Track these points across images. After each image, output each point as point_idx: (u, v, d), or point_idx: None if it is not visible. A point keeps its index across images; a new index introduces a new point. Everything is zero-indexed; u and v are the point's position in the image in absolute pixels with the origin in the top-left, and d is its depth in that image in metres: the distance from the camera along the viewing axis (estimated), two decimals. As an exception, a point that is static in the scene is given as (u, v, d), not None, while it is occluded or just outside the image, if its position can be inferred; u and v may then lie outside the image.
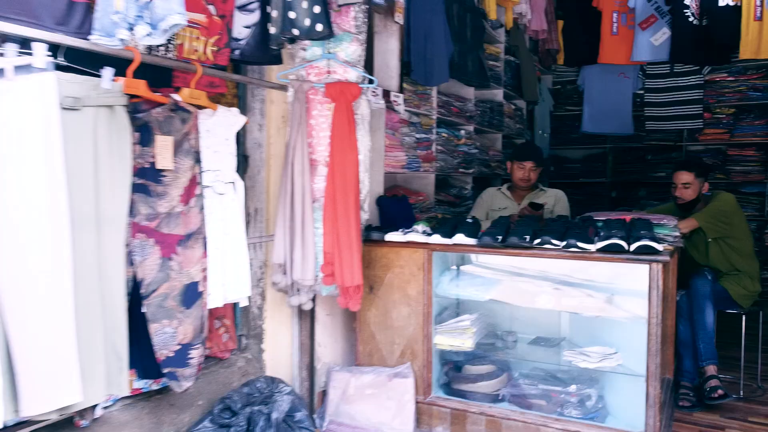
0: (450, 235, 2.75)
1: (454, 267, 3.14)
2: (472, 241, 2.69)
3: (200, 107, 2.35)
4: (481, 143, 4.75)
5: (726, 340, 4.61)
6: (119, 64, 1.99)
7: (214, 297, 2.39)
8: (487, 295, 2.83)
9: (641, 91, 6.13)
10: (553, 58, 6.25)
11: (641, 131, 6.19)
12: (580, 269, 2.72)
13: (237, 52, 2.56)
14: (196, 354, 2.28)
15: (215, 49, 2.44)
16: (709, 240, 3.58)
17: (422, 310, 2.91)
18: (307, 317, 3.05)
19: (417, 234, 2.84)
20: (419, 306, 2.91)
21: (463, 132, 4.39)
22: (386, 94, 3.18)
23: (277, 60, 2.71)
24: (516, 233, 2.60)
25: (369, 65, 3.22)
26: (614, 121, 6.16)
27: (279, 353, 3.06)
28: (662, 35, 5.69)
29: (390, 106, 3.27)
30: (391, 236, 2.89)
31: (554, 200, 3.71)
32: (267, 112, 3.01)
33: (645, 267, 2.41)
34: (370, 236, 2.94)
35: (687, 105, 5.87)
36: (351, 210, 2.76)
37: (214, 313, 2.79)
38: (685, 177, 3.58)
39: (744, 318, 3.64)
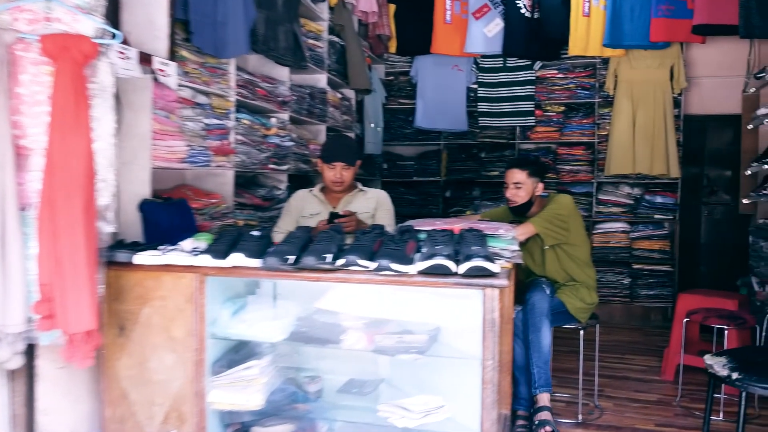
0: (225, 255, 1.99)
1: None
2: (254, 262, 1.96)
3: None
4: (298, 135, 4.03)
5: (563, 349, 4.39)
6: None
7: None
8: (281, 333, 2.11)
9: (475, 85, 5.81)
10: (384, 45, 5.72)
11: (475, 128, 5.88)
12: (400, 294, 2.11)
13: None
14: None
15: None
16: (546, 248, 3.19)
17: (192, 357, 2.12)
18: (22, 374, 2.12)
19: (181, 254, 2.05)
20: (188, 352, 2.12)
21: (274, 120, 3.64)
22: (146, 59, 2.33)
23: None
24: (314, 252, 1.92)
25: (117, 19, 2.35)
26: (448, 116, 5.79)
27: (-20, 430, 2.09)
28: (495, 26, 5.41)
29: (158, 78, 2.43)
30: (143, 257, 2.06)
31: (375, 204, 3.11)
32: (-42, 75, 2.03)
33: (478, 293, 1.84)
34: (114, 257, 2.09)
35: (519, 101, 5.65)
36: (79, 221, 1.90)
37: None
38: (517, 176, 3.16)
39: (582, 333, 3.31)
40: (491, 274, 1.80)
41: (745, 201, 5.08)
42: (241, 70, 3.29)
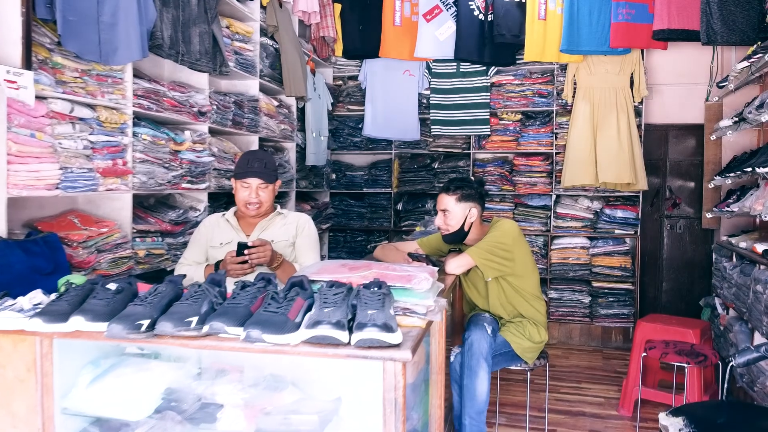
0: (66, 317, 1.58)
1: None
2: (98, 326, 1.56)
3: None
4: (221, 148, 3.62)
5: (516, 378, 4.07)
6: None
7: None
8: (144, 410, 1.71)
9: (427, 91, 5.45)
10: (330, 47, 5.34)
11: (428, 136, 5.52)
12: (289, 366, 1.73)
13: None
14: None
15: None
16: (488, 280, 2.84)
17: (37, 438, 1.71)
18: None
19: (12, 314, 1.64)
20: (31, 432, 1.71)
21: (188, 133, 3.23)
22: (-13, 68, 1.91)
23: None
24: (174, 315, 1.53)
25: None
26: (399, 124, 5.43)
27: None
28: (447, 29, 5.08)
29: (4, 91, 2.01)
30: (-37, 319, 1.64)
31: (296, 230, 2.72)
32: None
33: (377, 366, 1.48)
34: (-73, 319, 1.66)
35: (474, 109, 5.31)
36: None
37: None
38: (444, 201, 2.78)
39: (529, 373, 2.97)
40: (391, 344, 1.44)
41: (708, 215, 4.84)
42: (141, 78, 2.87)
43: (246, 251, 2.40)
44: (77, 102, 2.44)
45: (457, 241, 2.82)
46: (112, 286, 1.69)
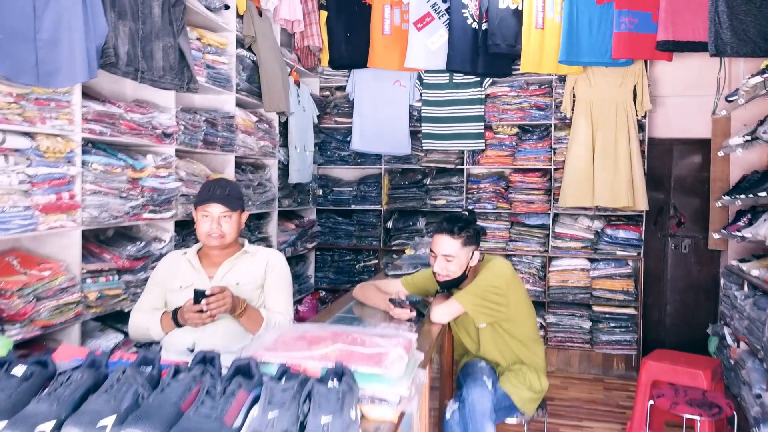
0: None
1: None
2: (-7, 431, 1.27)
3: None
4: (190, 171, 3.32)
5: (508, 423, 3.78)
6: None
7: None
8: None
9: (418, 104, 5.16)
10: (316, 56, 5.05)
11: (419, 151, 5.23)
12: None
13: None
14: None
15: None
16: (482, 326, 2.55)
17: None
18: None
19: None
20: None
21: (150, 158, 2.94)
22: None
23: None
24: (84, 416, 1.22)
25: None
26: (388, 138, 5.14)
27: None
28: (439, 38, 4.80)
29: None
30: None
31: (264, 269, 2.43)
32: None
33: (335, 481, 1.19)
34: None
35: (467, 122, 5.01)
36: None
37: None
38: (447, 246, 2.46)
39: (526, 426, 2.69)
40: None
41: (715, 236, 4.57)
42: (93, 99, 2.57)
43: (203, 300, 2.13)
44: (11, 131, 2.15)
45: (453, 286, 2.51)
46: (19, 370, 1.39)
